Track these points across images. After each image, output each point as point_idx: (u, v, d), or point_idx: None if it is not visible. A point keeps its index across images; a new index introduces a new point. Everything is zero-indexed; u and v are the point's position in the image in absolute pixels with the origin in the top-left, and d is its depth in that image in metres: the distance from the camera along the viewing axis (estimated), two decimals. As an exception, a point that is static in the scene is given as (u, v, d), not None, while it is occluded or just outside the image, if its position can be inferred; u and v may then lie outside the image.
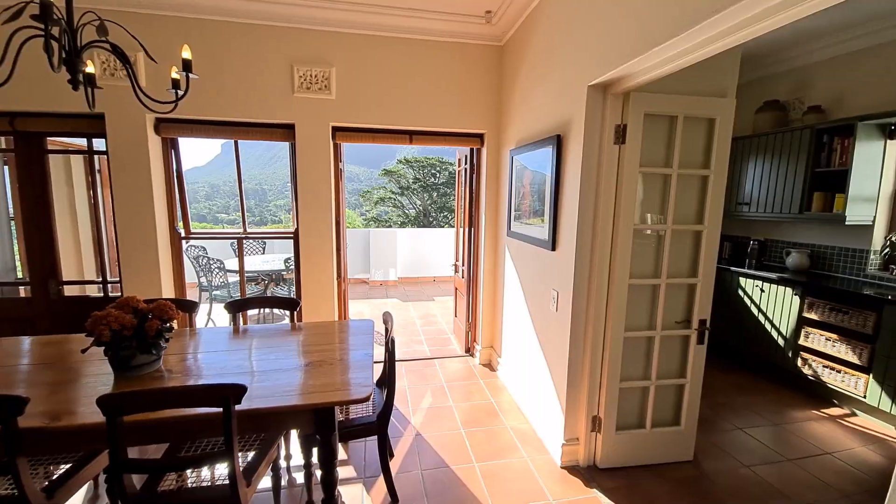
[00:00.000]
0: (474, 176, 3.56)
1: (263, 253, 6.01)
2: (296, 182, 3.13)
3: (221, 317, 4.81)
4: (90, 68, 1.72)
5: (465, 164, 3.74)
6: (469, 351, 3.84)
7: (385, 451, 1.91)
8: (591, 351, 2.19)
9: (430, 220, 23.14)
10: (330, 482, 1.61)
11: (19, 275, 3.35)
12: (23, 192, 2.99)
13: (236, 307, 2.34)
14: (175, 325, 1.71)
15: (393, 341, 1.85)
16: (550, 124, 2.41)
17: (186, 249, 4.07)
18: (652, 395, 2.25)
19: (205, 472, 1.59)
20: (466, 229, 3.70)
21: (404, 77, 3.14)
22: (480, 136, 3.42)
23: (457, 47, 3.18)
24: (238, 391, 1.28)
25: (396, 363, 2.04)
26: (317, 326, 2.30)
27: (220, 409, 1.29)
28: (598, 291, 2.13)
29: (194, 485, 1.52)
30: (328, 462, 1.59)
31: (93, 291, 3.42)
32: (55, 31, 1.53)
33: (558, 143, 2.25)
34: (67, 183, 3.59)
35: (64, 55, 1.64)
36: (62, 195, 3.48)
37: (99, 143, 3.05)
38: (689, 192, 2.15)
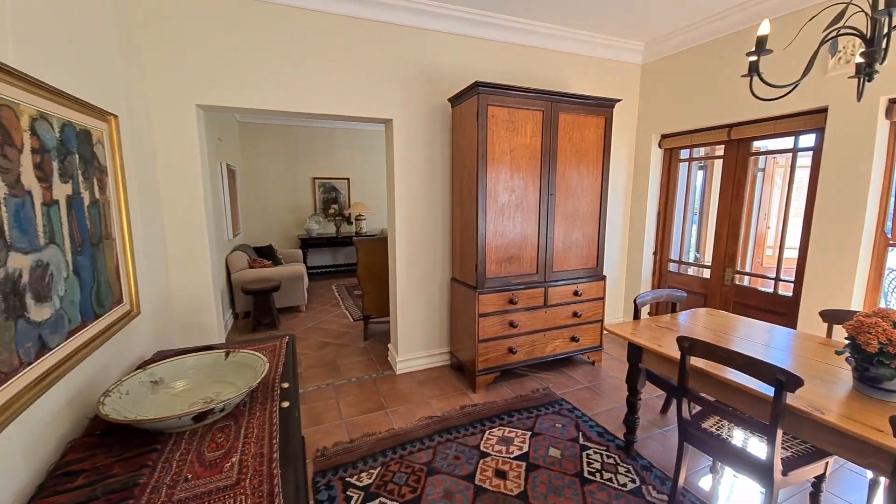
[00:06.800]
0: None
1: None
2: None
3: None
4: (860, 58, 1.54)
5: None
6: None
7: None
8: None
9: None
10: None
11: (691, 258, 4.17)
12: (723, 190, 3.58)
13: None
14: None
15: None
16: None
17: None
18: None
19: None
20: None
21: None
22: None
23: None
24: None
25: None
26: None
27: None
28: None
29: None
30: None
31: (755, 284, 3.58)
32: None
33: None
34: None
35: (863, 47, 1.57)
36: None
37: (798, 141, 3.01)
38: None
